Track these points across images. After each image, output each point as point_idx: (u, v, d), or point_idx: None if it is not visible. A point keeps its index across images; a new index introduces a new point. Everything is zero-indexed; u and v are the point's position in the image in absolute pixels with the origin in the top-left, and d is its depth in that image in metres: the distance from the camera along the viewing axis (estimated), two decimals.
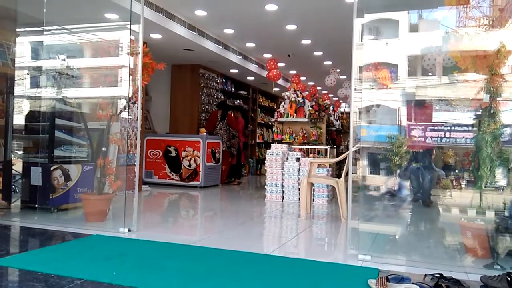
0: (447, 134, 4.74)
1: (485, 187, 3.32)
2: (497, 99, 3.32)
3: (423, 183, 5.30)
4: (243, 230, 4.23)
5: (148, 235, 3.68)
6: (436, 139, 4.81)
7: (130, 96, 4.32)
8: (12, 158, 4.81)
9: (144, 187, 7.09)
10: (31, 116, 4.98)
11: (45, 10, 4.36)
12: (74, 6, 4.96)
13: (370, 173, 5.79)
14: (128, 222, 3.78)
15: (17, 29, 5.20)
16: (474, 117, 3.76)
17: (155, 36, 6.93)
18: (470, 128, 4.16)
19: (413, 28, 5.72)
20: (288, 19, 6.74)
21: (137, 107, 4.22)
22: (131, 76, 4.54)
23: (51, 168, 4.49)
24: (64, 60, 4.89)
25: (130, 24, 4.01)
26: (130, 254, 3.08)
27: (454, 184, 4.81)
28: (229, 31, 7.58)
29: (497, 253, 3.05)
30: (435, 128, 4.81)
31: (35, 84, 5.31)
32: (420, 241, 4.04)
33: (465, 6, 3.39)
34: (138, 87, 4.00)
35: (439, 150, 4.96)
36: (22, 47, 5.48)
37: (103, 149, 4.30)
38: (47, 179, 4.46)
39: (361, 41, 5.16)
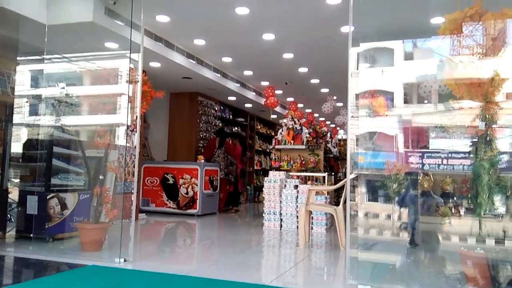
0: (444, 161, 4.75)
1: (484, 214, 3.31)
2: (493, 126, 3.35)
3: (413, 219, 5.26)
4: (240, 259, 4.17)
5: (144, 265, 3.61)
6: (434, 166, 4.82)
7: (128, 124, 4.34)
8: (9, 187, 4.77)
9: (141, 216, 7.02)
10: (29, 144, 4.98)
11: (46, 39, 4.44)
12: (75, 35, 5.05)
13: (369, 200, 5.76)
14: (124, 252, 3.72)
15: (18, 58, 5.27)
16: (471, 144, 3.78)
17: (154, 64, 7.02)
18: (467, 155, 4.18)
19: (408, 56, 5.83)
20: (285, 48, 6.86)
21: (136, 135, 4.23)
22: (130, 104, 4.58)
23: (48, 197, 4.45)
24: (63, 88, 4.94)
25: (130, 53, 4.08)
26: (125, 286, 3.01)
27: (453, 211, 4.78)
28: (227, 59, 7.69)
29: (498, 282, 3.01)
30: (432, 155, 4.83)
31: (33, 112, 5.34)
32: (420, 270, 3.98)
33: (459, 35, 3.47)
34: (137, 115, 4.03)
35: (426, 177, 4.96)
36: (22, 75, 5.53)
37: (101, 177, 4.28)
38: (43, 208, 4.41)
39: (357, 69, 5.25)
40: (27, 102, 5.43)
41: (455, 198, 4.87)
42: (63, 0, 4.71)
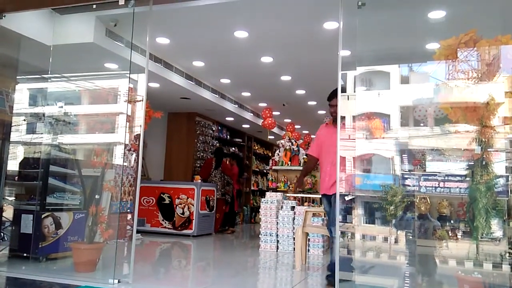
0: (441, 184, 4.76)
1: (482, 238, 3.30)
2: (489, 150, 3.38)
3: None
4: (236, 281, 4.12)
5: (138, 287, 3.56)
6: (430, 188, 4.82)
7: (126, 143, 4.35)
8: (3, 205, 4.73)
9: (136, 236, 6.93)
10: (26, 162, 4.96)
11: (51, 59, 4.49)
12: (76, 56, 5.11)
13: (366, 223, 5.73)
14: (118, 272, 3.67)
15: (17, 77, 5.31)
16: (467, 167, 3.79)
17: (153, 85, 7.08)
18: (463, 178, 4.19)
19: (404, 80, 5.91)
20: (283, 70, 6.94)
21: (134, 156, 4.23)
22: (128, 123, 4.59)
23: (42, 216, 4.41)
24: (61, 107, 4.96)
25: (130, 73, 4.12)
26: None
27: (450, 234, 4.77)
28: (225, 81, 7.77)
29: None
30: (429, 177, 4.84)
31: (31, 130, 5.34)
32: None
33: (454, 60, 3.53)
34: (138, 134, 4.04)
35: (423, 199, 4.96)
36: (21, 94, 5.56)
37: (96, 196, 4.26)
38: (38, 227, 4.37)
39: (354, 92, 5.31)
40: (24, 120, 5.43)
41: (452, 221, 4.86)
42: (65, 22, 4.78)
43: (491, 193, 3.29)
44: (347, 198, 4.71)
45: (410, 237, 5.32)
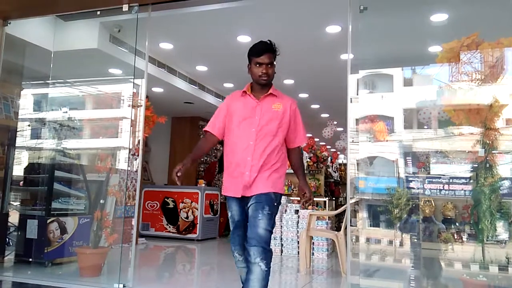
0: (445, 187, 4.74)
1: (487, 240, 3.28)
2: (493, 152, 3.36)
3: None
4: (240, 285, 4.11)
5: None
6: (435, 191, 4.81)
7: (130, 147, 4.37)
8: (9, 210, 4.76)
9: (141, 240, 6.95)
10: (31, 168, 4.99)
11: (52, 65, 4.52)
12: (80, 61, 5.15)
13: (371, 226, 5.72)
14: (123, 277, 3.68)
15: (23, 83, 5.35)
16: (472, 169, 3.78)
17: (157, 89, 7.12)
18: (468, 180, 4.18)
19: (408, 82, 5.91)
20: (285, 74, 6.96)
21: (137, 160, 4.25)
22: (132, 128, 4.62)
23: (48, 221, 4.44)
24: (66, 112, 4.99)
25: (134, 79, 4.15)
26: None
27: (456, 237, 4.74)
28: (228, 85, 7.80)
29: None
30: (433, 180, 4.83)
31: (35, 135, 5.37)
32: None
33: (457, 62, 3.53)
34: (139, 139, 4.07)
35: (427, 202, 4.94)
36: (25, 100, 5.60)
37: (101, 201, 4.27)
38: (43, 232, 4.39)
39: (357, 95, 5.31)
40: (29, 125, 5.47)
41: (457, 224, 4.84)
42: (69, 28, 4.82)
43: (495, 195, 3.28)
44: (351, 201, 4.68)
45: (415, 240, 5.30)
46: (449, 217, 4.92)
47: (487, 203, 3.24)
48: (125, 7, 3.85)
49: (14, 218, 4.80)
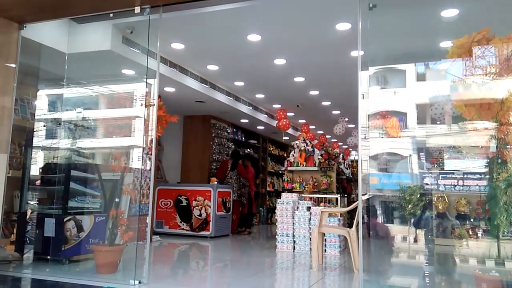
0: (459, 182, 4.71)
1: (503, 236, 3.26)
2: (507, 147, 3.33)
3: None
4: (253, 282, 4.16)
5: (158, 287, 3.64)
6: (449, 186, 4.78)
7: (144, 147, 4.44)
8: (27, 209, 4.88)
9: (155, 237, 7.05)
10: (47, 167, 5.10)
11: (66, 67, 4.62)
12: (94, 63, 5.24)
13: (385, 222, 5.70)
14: (138, 274, 3.76)
15: (38, 84, 5.47)
16: (485, 165, 3.75)
17: (169, 89, 7.19)
18: (482, 176, 4.14)
19: (421, 77, 5.87)
20: (296, 72, 6.97)
21: (151, 159, 4.31)
22: (145, 127, 4.68)
23: (65, 219, 4.54)
24: (80, 112, 5.09)
25: (146, 79, 4.21)
26: None
27: (470, 233, 4.71)
28: (239, 83, 7.84)
29: None
30: (447, 175, 4.80)
31: (51, 136, 5.49)
32: None
33: (470, 56, 3.50)
34: (152, 138, 4.13)
35: (441, 198, 4.91)
36: (41, 101, 5.72)
37: (116, 199, 4.35)
38: (60, 230, 4.49)
39: (368, 91, 5.30)
40: (44, 126, 5.59)
41: (471, 220, 4.81)
42: (82, 30, 4.91)
43: (511, 190, 3.26)
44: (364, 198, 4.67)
45: (429, 236, 5.29)
46: (463, 213, 4.89)
47: (503, 199, 3.21)
48: (137, 9, 3.91)
49: (32, 217, 4.92)
